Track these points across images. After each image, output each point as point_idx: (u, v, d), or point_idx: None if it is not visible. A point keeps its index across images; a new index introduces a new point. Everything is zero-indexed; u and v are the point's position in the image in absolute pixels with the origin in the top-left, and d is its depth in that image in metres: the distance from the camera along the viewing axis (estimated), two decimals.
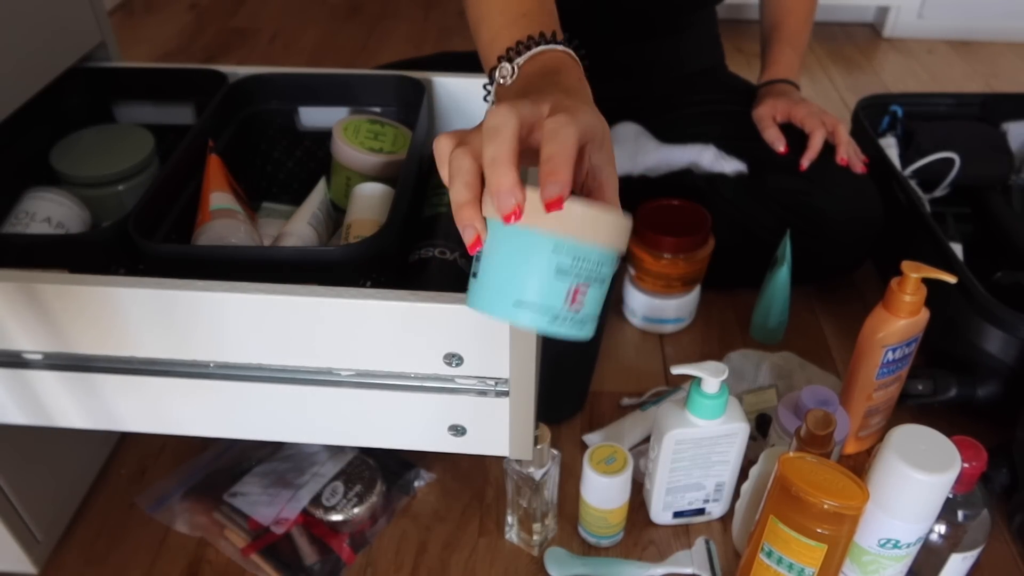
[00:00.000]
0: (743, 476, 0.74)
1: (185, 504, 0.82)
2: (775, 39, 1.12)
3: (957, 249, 0.97)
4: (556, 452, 0.73)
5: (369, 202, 0.69)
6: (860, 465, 0.86)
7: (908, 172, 1.08)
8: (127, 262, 0.62)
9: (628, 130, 1.09)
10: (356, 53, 1.85)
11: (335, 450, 0.85)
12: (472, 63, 0.88)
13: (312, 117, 0.81)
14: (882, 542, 0.67)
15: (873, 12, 1.97)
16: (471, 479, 0.85)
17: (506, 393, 0.56)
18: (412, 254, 0.67)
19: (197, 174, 0.70)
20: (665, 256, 0.97)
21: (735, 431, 0.72)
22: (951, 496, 0.66)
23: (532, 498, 0.74)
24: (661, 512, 0.79)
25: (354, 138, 0.75)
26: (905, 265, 0.74)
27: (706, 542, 0.78)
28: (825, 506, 0.60)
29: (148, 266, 0.60)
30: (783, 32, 1.11)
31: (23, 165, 0.73)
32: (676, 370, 0.69)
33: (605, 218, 0.42)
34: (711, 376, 0.68)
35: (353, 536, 0.79)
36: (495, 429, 0.59)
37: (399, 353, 0.55)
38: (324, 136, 0.78)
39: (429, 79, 0.79)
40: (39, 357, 0.58)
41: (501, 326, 0.52)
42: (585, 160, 0.46)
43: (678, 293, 1.01)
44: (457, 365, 0.55)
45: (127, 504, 0.83)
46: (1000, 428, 0.83)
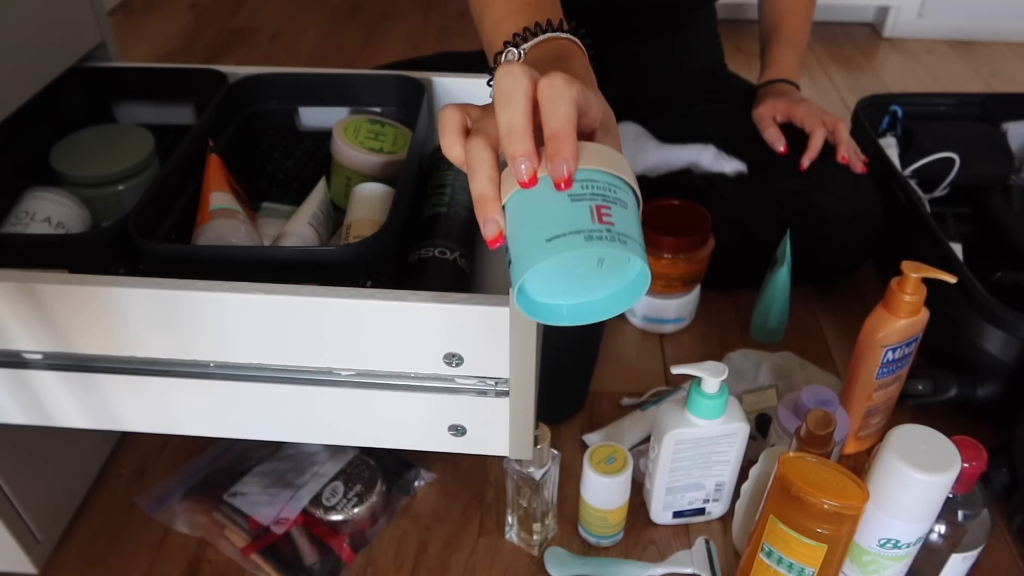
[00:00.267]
0: (743, 476, 0.74)
1: (185, 504, 0.82)
2: (774, 39, 1.12)
3: (957, 249, 0.97)
4: (556, 452, 0.73)
5: (369, 202, 0.69)
6: (860, 465, 0.86)
7: (908, 172, 1.08)
8: (127, 262, 0.62)
9: (628, 130, 1.09)
10: (356, 53, 1.85)
11: (335, 450, 0.85)
12: (472, 63, 0.88)
13: (312, 117, 0.81)
14: (882, 542, 0.67)
15: (873, 12, 1.97)
16: (471, 479, 0.85)
17: (506, 393, 0.56)
18: (412, 254, 0.67)
19: (197, 174, 0.70)
20: (665, 256, 0.97)
21: (735, 431, 0.72)
22: (951, 496, 0.66)
23: (532, 498, 0.74)
24: (661, 512, 0.79)
25: (354, 138, 0.75)
26: (905, 265, 0.74)
27: (706, 542, 0.78)
28: (825, 506, 0.60)
29: (148, 266, 0.60)
30: (782, 32, 1.11)
31: (23, 165, 0.73)
32: (676, 370, 0.69)
33: (596, 147, 0.43)
34: (711, 376, 0.68)
35: (353, 536, 0.79)
36: (495, 429, 0.59)
37: (399, 353, 0.55)
38: (324, 136, 0.78)
39: (429, 79, 0.79)
40: (39, 357, 0.58)
41: (501, 326, 0.52)
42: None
43: (678, 293, 1.01)
44: (457, 365, 0.55)
45: (127, 504, 0.83)
46: (1000, 428, 0.83)
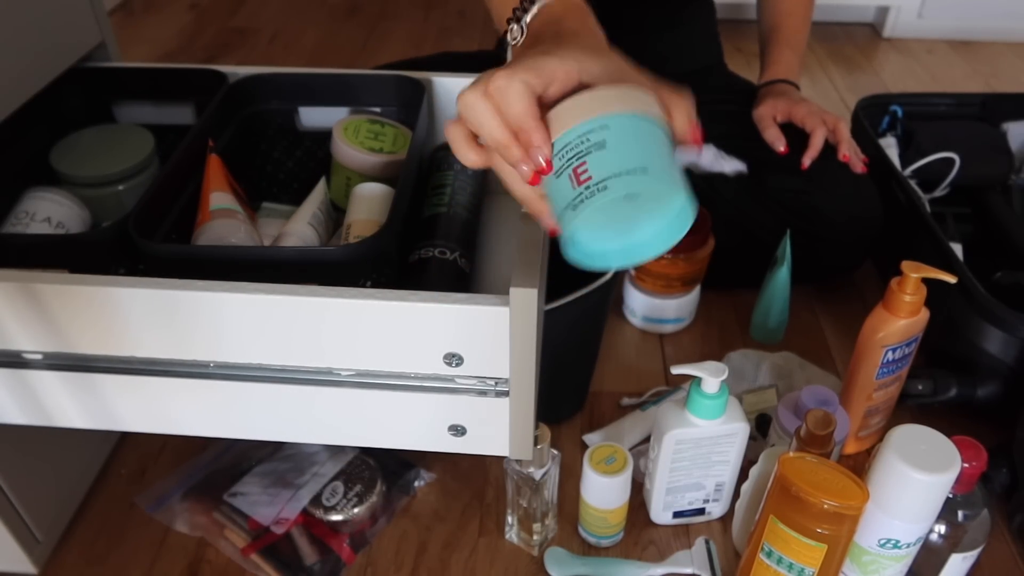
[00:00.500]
0: (743, 476, 0.74)
1: (185, 504, 0.82)
2: (774, 40, 1.12)
3: (957, 249, 0.97)
4: (556, 452, 0.73)
5: (369, 202, 0.69)
6: (860, 465, 0.86)
7: (908, 172, 1.08)
8: (127, 262, 0.62)
9: None
10: (356, 53, 1.85)
11: (335, 450, 0.85)
12: (472, 63, 0.88)
13: (312, 117, 0.81)
14: (882, 542, 0.67)
15: (873, 12, 1.97)
16: (471, 479, 0.85)
17: (506, 393, 0.56)
18: (412, 254, 0.67)
19: (197, 174, 0.70)
20: (665, 256, 0.97)
21: (735, 431, 0.72)
22: (951, 496, 0.66)
23: (532, 498, 0.74)
24: (661, 512, 0.79)
25: (354, 138, 0.75)
26: (905, 265, 0.74)
27: (706, 542, 0.78)
28: (825, 506, 0.60)
29: (148, 266, 0.60)
30: (782, 34, 1.11)
31: (23, 165, 0.73)
32: (676, 370, 0.69)
33: (569, 104, 0.44)
34: (711, 376, 0.68)
35: (353, 536, 0.79)
36: (495, 429, 0.59)
37: (399, 353, 0.55)
38: (324, 136, 0.78)
39: (429, 79, 0.79)
40: (39, 357, 0.58)
41: (501, 326, 0.52)
42: None
43: (678, 293, 1.01)
44: (457, 365, 0.55)
45: (127, 504, 0.83)
46: (1000, 428, 0.83)
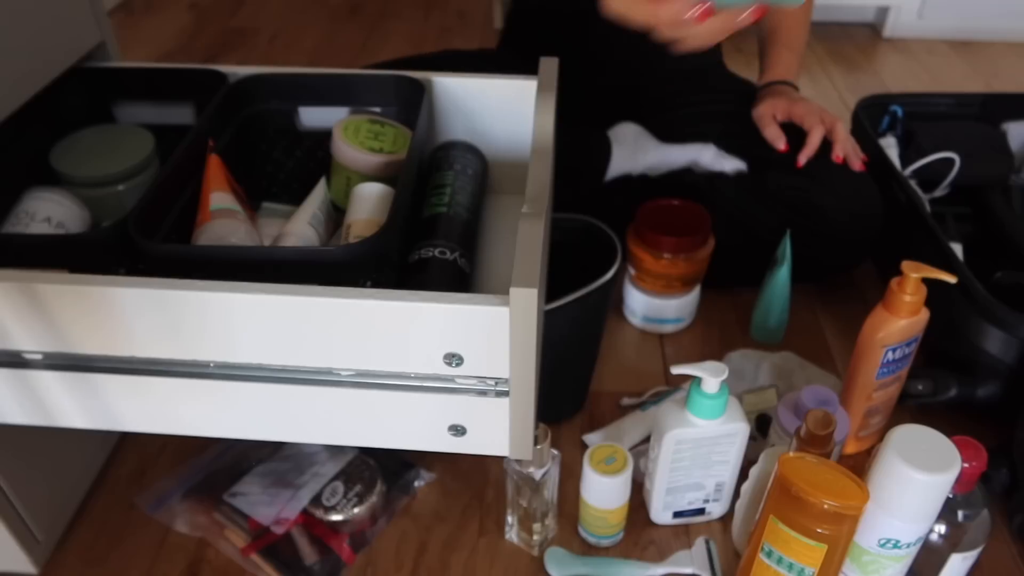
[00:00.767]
0: (743, 476, 0.74)
1: (185, 504, 0.82)
2: (773, 42, 1.12)
3: (957, 249, 0.97)
4: (556, 452, 0.73)
5: (369, 202, 0.69)
6: (860, 465, 0.86)
7: (908, 172, 1.08)
8: (127, 262, 0.62)
9: (628, 130, 1.09)
10: (356, 53, 1.85)
11: (335, 450, 0.85)
12: (475, 62, 0.88)
13: (312, 117, 0.81)
14: (882, 542, 0.67)
15: (873, 12, 1.97)
16: (471, 479, 0.85)
17: (506, 393, 0.56)
18: (412, 254, 0.67)
19: (197, 174, 0.70)
20: (665, 256, 0.97)
21: (735, 431, 0.72)
22: (951, 496, 0.66)
23: (532, 498, 0.74)
24: (661, 512, 0.79)
25: (354, 138, 0.75)
26: (905, 265, 0.74)
27: (706, 542, 0.78)
28: (825, 506, 0.60)
29: (148, 266, 0.60)
30: (781, 35, 1.11)
31: (23, 165, 0.73)
32: (676, 370, 0.69)
33: None
34: (711, 376, 0.68)
35: (353, 536, 0.79)
36: (495, 429, 0.59)
37: (399, 353, 0.55)
38: (324, 136, 0.78)
39: (429, 79, 0.79)
40: (39, 357, 0.58)
41: (501, 326, 0.52)
42: None
43: (678, 293, 1.01)
44: (457, 365, 0.55)
45: (127, 504, 0.83)
46: (1000, 428, 0.83)
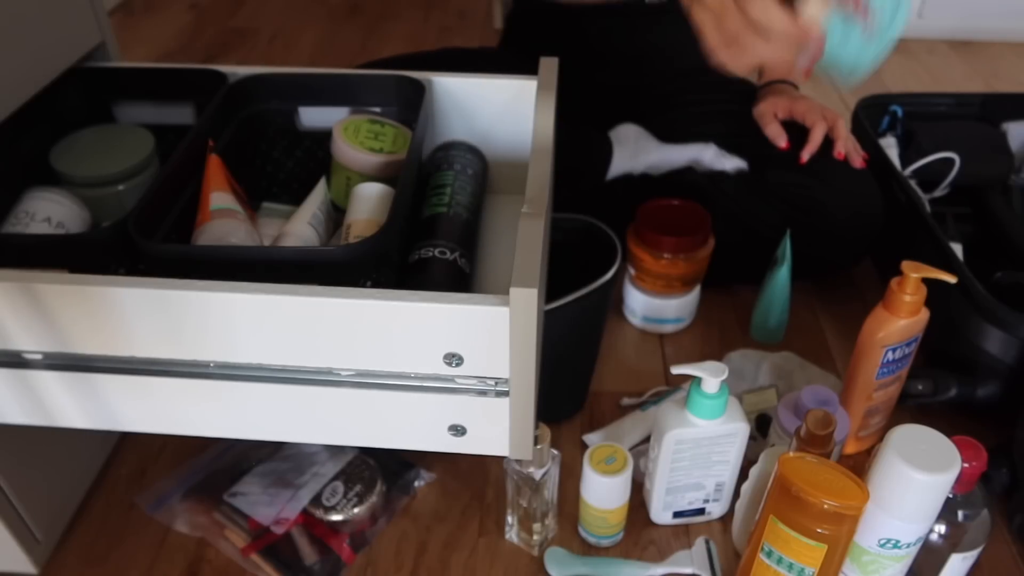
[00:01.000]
0: (743, 476, 0.74)
1: (185, 504, 0.82)
2: None
3: (957, 249, 0.97)
4: (556, 452, 0.73)
5: (369, 202, 0.69)
6: (860, 465, 0.86)
7: (908, 172, 1.08)
8: (127, 262, 0.62)
9: (629, 131, 1.09)
10: (356, 53, 1.85)
11: (335, 450, 0.85)
12: (475, 60, 0.88)
13: (312, 117, 0.81)
14: (882, 542, 0.67)
15: None
16: (471, 479, 0.85)
17: (506, 393, 0.56)
18: (412, 254, 0.67)
19: (197, 174, 0.70)
20: (665, 256, 0.97)
21: (735, 431, 0.72)
22: (951, 496, 0.66)
23: (532, 498, 0.74)
24: (661, 512, 0.79)
25: (354, 138, 0.75)
26: (905, 265, 0.74)
27: (706, 542, 0.78)
28: (825, 506, 0.60)
29: (148, 266, 0.60)
30: None
31: (23, 165, 0.73)
32: (676, 370, 0.69)
33: None
34: (711, 376, 0.68)
35: (353, 536, 0.79)
36: (495, 429, 0.59)
37: (399, 353, 0.55)
38: (324, 136, 0.78)
39: (429, 79, 0.79)
40: (39, 357, 0.58)
41: (501, 326, 0.52)
42: None
43: (678, 293, 1.01)
44: (457, 365, 0.55)
45: (127, 504, 0.83)
46: (1000, 428, 0.83)
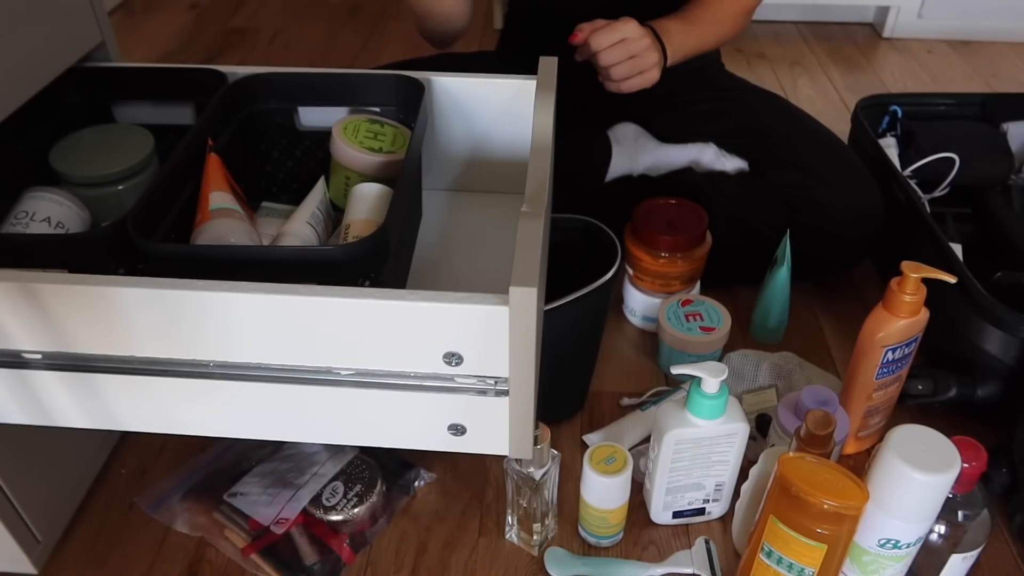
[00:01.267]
0: (743, 476, 0.74)
1: (185, 504, 0.82)
2: (689, 5, 1.02)
3: (957, 249, 0.97)
4: (556, 452, 0.73)
5: (368, 202, 0.69)
6: (860, 465, 0.86)
7: (908, 172, 1.08)
8: (126, 262, 0.62)
9: (628, 130, 1.09)
10: (356, 53, 1.85)
11: (335, 450, 0.85)
12: (472, 64, 0.88)
13: (312, 117, 0.81)
14: (882, 542, 0.67)
15: (873, 12, 1.97)
16: (471, 479, 0.85)
17: (506, 392, 0.56)
18: None
19: (196, 174, 0.70)
20: (663, 255, 0.97)
21: (735, 431, 0.72)
22: (951, 496, 0.66)
23: (532, 498, 0.74)
24: (661, 512, 0.79)
25: (353, 138, 0.75)
26: (905, 265, 0.74)
27: (706, 542, 0.78)
28: (825, 506, 0.60)
29: (147, 266, 0.60)
30: (694, 10, 1.01)
31: (23, 165, 0.73)
32: (676, 370, 0.69)
33: None
34: (711, 376, 0.68)
35: (353, 536, 0.79)
36: (495, 428, 0.59)
37: (399, 352, 0.55)
38: (324, 136, 0.78)
39: (429, 79, 0.79)
40: (39, 357, 0.58)
41: (501, 325, 0.52)
42: None
43: (677, 292, 1.01)
44: (457, 364, 0.55)
45: (127, 504, 0.83)
46: (1000, 428, 0.83)
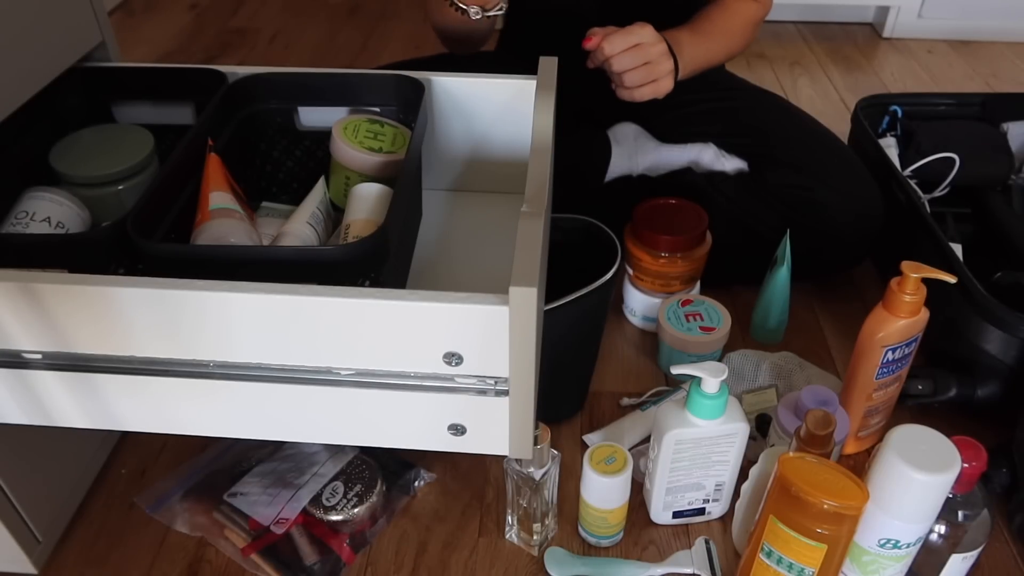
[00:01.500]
0: (743, 476, 0.74)
1: (185, 504, 0.82)
2: (698, 17, 1.02)
3: (957, 249, 0.97)
4: (556, 452, 0.73)
5: (368, 202, 0.69)
6: (860, 465, 0.86)
7: (908, 172, 1.08)
8: (126, 262, 0.62)
9: (627, 130, 1.09)
10: (356, 53, 1.85)
11: (335, 450, 0.85)
12: (472, 64, 0.88)
13: (312, 117, 0.81)
14: (882, 542, 0.67)
15: (873, 12, 1.97)
16: (471, 479, 0.85)
17: (506, 392, 0.56)
18: None
19: (196, 174, 0.70)
20: (663, 255, 0.97)
21: (735, 431, 0.72)
22: (951, 496, 0.66)
23: (532, 498, 0.74)
24: (661, 512, 0.79)
25: (353, 138, 0.75)
26: (905, 265, 0.74)
27: (706, 542, 0.78)
28: (825, 506, 0.60)
29: (147, 266, 0.60)
30: (704, 20, 1.01)
31: (23, 165, 0.73)
32: (676, 370, 0.69)
33: None
34: (711, 376, 0.68)
35: (353, 536, 0.79)
36: (495, 428, 0.59)
37: (399, 352, 0.55)
38: (323, 136, 0.78)
39: (429, 79, 0.79)
40: (39, 357, 0.58)
41: (501, 325, 0.52)
42: None
43: (677, 292, 1.01)
44: (457, 364, 0.55)
45: (127, 504, 0.83)
46: (1000, 428, 0.83)
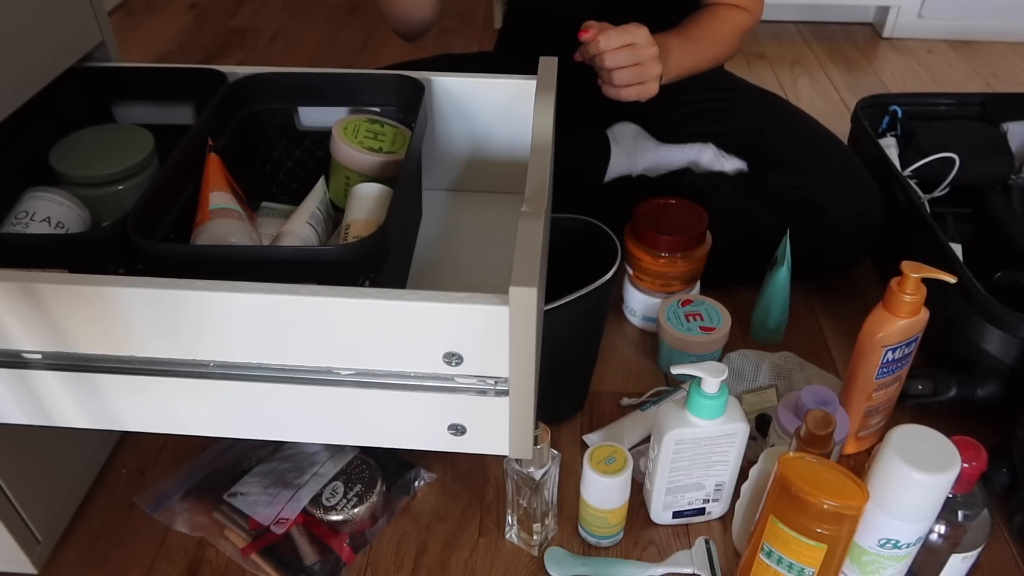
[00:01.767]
0: (743, 476, 0.74)
1: (185, 504, 0.82)
2: (686, 22, 1.02)
3: (957, 249, 0.97)
4: (556, 452, 0.73)
5: (368, 202, 0.69)
6: (860, 465, 0.86)
7: (908, 172, 1.08)
8: (126, 262, 0.62)
9: (627, 130, 1.09)
10: (356, 53, 1.85)
11: (335, 450, 0.85)
12: (471, 64, 0.88)
13: (312, 117, 0.81)
14: (882, 542, 0.67)
15: (873, 12, 1.97)
16: (471, 479, 0.85)
17: (506, 392, 0.56)
18: None
19: (196, 174, 0.70)
20: (663, 255, 0.97)
21: (735, 431, 0.72)
22: (951, 496, 0.66)
23: (532, 498, 0.74)
24: (661, 512, 0.79)
25: (353, 138, 0.75)
26: (905, 265, 0.74)
27: (706, 542, 0.78)
28: (825, 506, 0.60)
29: (147, 266, 0.60)
30: (692, 25, 1.01)
31: (23, 165, 0.73)
32: (676, 370, 0.69)
33: None
34: (711, 376, 0.68)
35: (353, 536, 0.79)
36: (495, 428, 0.59)
37: (399, 352, 0.55)
38: (324, 136, 0.78)
39: (429, 79, 0.79)
40: (39, 357, 0.58)
41: (501, 325, 0.52)
42: None
43: (677, 292, 1.01)
44: (457, 364, 0.55)
45: (127, 504, 0.83)
46: (1000, 428, 0.83)
